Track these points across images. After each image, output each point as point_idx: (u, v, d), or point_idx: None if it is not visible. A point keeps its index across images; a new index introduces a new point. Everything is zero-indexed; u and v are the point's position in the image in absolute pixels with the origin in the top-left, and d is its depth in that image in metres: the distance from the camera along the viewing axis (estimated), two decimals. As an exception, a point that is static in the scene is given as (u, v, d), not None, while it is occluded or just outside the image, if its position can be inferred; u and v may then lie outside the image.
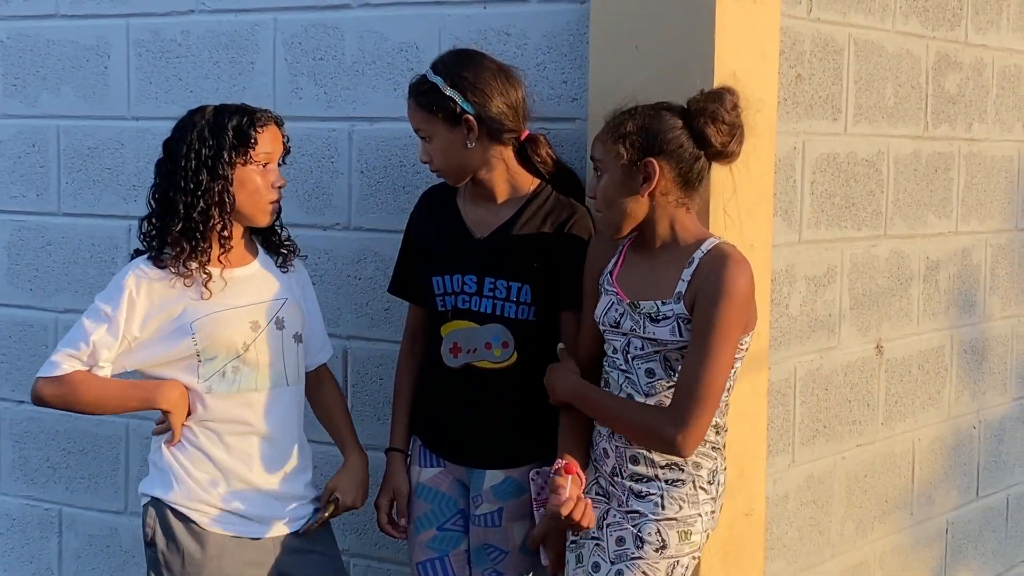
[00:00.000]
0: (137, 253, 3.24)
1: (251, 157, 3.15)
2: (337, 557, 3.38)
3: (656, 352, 2.95)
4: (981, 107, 4.55)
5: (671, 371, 2.94)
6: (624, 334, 2.99)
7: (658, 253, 2.98)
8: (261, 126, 3.17)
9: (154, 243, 3.17)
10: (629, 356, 2.99)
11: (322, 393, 3.45)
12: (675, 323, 2.90)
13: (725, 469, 3.07)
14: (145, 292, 3.13)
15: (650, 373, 2.97)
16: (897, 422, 4.27)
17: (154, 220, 3.18)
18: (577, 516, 2.95)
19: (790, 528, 3.84)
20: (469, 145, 3.18)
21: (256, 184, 3.17)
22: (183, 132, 3.16)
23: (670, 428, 2.86)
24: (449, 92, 3.16)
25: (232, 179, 3.13)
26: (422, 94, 3.20)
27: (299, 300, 3.33)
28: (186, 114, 3.22)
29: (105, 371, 3.14)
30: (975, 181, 4.55)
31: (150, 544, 3.19)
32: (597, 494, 3.06)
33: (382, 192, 3.79)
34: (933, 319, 4.40)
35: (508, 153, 3.24)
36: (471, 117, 3.16)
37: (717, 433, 3.00)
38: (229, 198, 3.13)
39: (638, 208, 2.94)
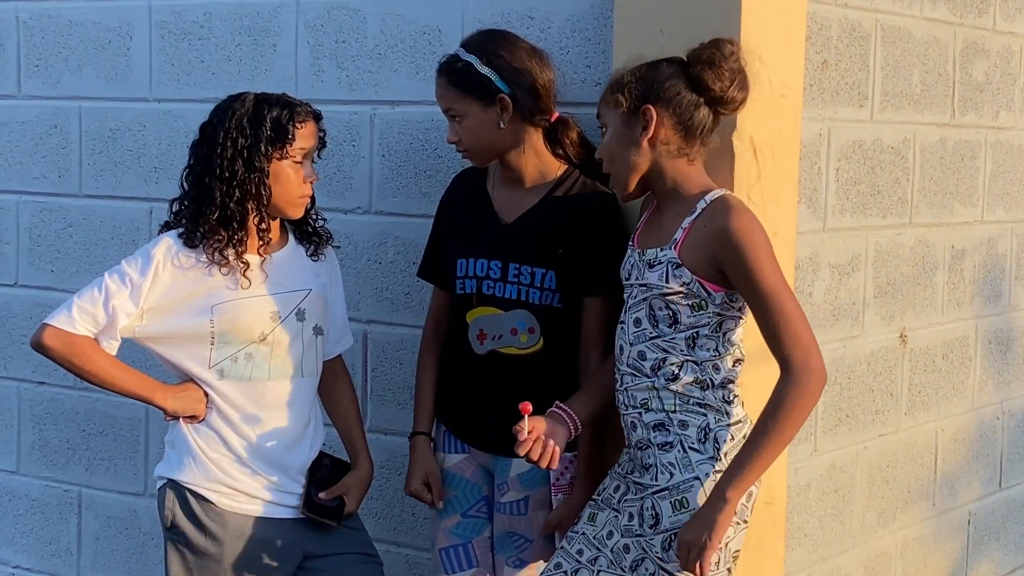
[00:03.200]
0: (166, 226, 3.22)
1: (287, 152, 3.13)
2: (362, 530, 3.37)
3: (644, 300, 2.92)
4: (1008, 95, 4.51)
5: (654, 320, 2.90)
6: (631, 286, 2.98)
7: (665, 204, 2.96)
8: (300, 121, 3.14)
9: (187, 224, 3.15)
10: (627, 307, 2.97)
11: (336, 389, 3.42)
12: (665, 268, 2.88)
13: (735, 425, 2.93)
14: (171, 268, 3.12)
15: (637, 322, 2.94)
16: (920, 412, 4.24)
17: (188, 202, 3.16)
18: (535, 456, 2.95)
19: (811, 517, 3.81)
20: (502, 125, 3.16)
21: (289, 178, 3.14)
22: (221, 118, 3.13)
23: (802, 380, 2.79)
24: (485, 70, 3.14)
25: (268, 172, 3.12)
26: (455, 72, 3.17)
27: (324, 291, 3.30)
28: (226, 99, 3.18)
29: (114, 347, 3.14)
30: (1001, 170, 4.52)
31: (171, 527, 3.19)
32: (627, 473, 3.02)
33: (403, 176, 3.78)
34: (958, 308, 4.37)
35: (537, 135, 3.22)
36: (506, 96, 3.14)
37: (703, 388, 2.90)
38: (266, 191, 3.12)
39: (640, 159, 2.91)
